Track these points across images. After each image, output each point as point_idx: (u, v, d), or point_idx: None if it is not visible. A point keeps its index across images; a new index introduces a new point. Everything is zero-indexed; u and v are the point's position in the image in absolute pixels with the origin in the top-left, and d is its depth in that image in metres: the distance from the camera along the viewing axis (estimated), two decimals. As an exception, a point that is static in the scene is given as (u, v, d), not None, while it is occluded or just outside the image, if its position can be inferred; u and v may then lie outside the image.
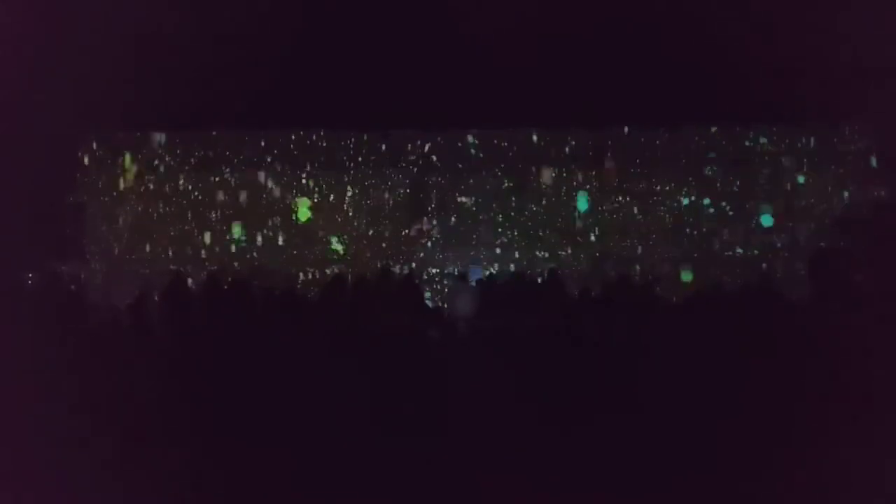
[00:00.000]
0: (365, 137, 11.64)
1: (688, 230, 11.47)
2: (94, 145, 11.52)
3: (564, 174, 11.56)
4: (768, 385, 5.32)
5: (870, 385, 5.03)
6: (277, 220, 11.53)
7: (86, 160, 11.49)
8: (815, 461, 4.50)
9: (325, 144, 11.65)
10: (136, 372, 5.45)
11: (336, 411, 5.23)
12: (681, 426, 5.04)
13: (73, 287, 8.61)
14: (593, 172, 11.55)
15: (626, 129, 11.50)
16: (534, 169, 11.59)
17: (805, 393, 5.19)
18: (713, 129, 11.49)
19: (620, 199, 11.55)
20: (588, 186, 11.58)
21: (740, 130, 11.49)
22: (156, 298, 7.57)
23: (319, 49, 10.42)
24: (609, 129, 11.50)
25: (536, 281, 9.37)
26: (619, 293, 7.26)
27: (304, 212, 11.15)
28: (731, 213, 11.46)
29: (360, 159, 11.66)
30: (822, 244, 10.58)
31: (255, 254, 11.49)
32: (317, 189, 11.59)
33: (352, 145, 11.66)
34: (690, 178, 11.52)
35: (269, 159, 11.62)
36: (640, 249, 11.44)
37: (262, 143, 11.62)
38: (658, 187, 11.55)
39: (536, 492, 4.50)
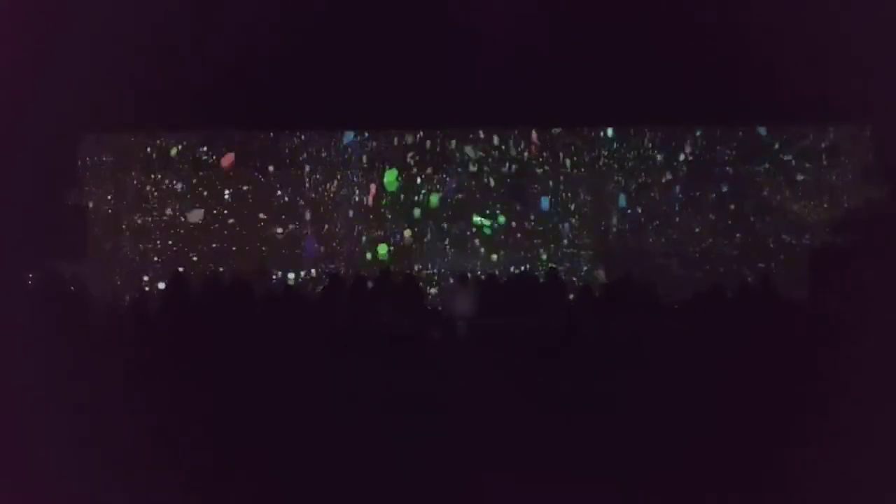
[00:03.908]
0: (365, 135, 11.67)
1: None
2: (95, 144, 11.52)
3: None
4: (768, 385, 5.33)
5: (870, 385, 5.03)
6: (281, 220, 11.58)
7: (86, 160, 11.50)
8: (814, 461, 4.50)
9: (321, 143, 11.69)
10: (136, 372, 5.45)
11: (335, 411, 5.24)
12: (681, 426, 5.04)
13: (73, 287, 8.59)
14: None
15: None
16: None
17: (805, 393, 5.20)
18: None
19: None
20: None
21: (741, 130, 11.50)
22: (156, 298, 7.58)
23: (317, 48, 10.41)
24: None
25: (536, 281, 9.37)
26: (619, 293, 7.27)
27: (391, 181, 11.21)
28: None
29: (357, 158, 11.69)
30: (821, 244, 10.58)
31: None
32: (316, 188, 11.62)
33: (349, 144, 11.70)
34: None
35: (267, 159, 11.63)
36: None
37: (258, 143, 11.64)
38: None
39: (536, 492, 4.50)
